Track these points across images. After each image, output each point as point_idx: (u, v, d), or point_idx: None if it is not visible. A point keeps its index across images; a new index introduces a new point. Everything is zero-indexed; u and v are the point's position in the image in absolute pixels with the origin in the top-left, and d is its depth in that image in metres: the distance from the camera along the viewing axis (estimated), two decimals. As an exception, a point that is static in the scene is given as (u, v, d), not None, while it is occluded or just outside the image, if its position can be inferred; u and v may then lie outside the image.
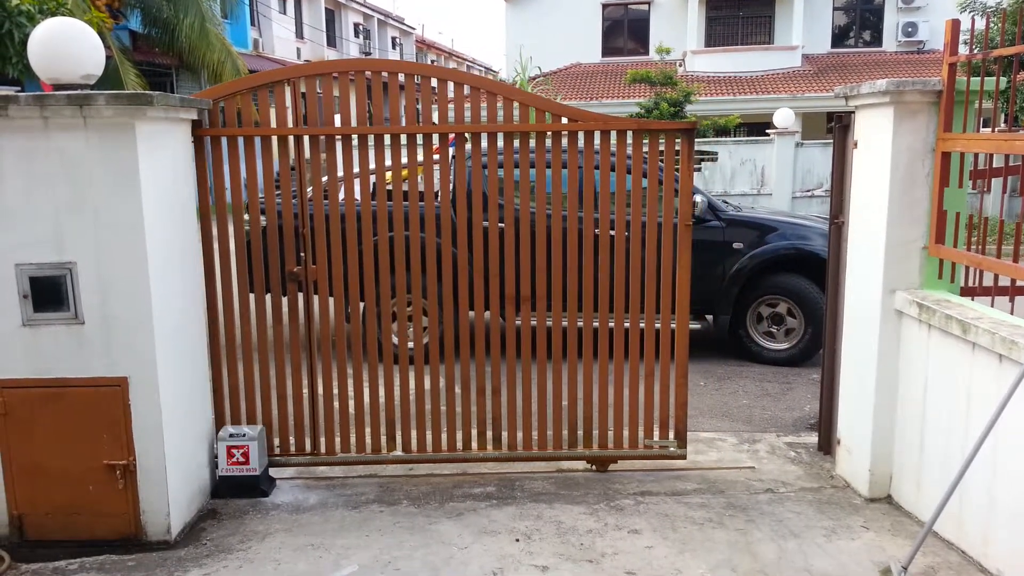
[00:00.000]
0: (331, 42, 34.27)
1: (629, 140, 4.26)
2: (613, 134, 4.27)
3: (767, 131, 16.33)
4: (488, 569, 3.51)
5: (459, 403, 4.46)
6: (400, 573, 3.48)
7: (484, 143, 4.25)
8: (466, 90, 4.25)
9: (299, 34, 31.47)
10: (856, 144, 4.31)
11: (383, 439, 4.48)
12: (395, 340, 4.53)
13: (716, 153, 15.98)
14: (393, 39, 41.78)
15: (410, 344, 5.32)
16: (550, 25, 25.57)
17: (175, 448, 3.79)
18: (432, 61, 49.17)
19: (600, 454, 4.51)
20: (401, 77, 4.34)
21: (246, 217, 4.29)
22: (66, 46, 3.48)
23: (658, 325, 4.39)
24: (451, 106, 4.41)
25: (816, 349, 6.65)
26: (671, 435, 4.51)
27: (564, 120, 4.23)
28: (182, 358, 3.92)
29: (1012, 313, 3.59)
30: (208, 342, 4.27)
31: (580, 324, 4.43)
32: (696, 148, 16.11)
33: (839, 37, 25.67)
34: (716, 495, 4.23)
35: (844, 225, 4.52)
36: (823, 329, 4.90)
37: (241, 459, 4.18)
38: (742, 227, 6.94)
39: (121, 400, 3.63)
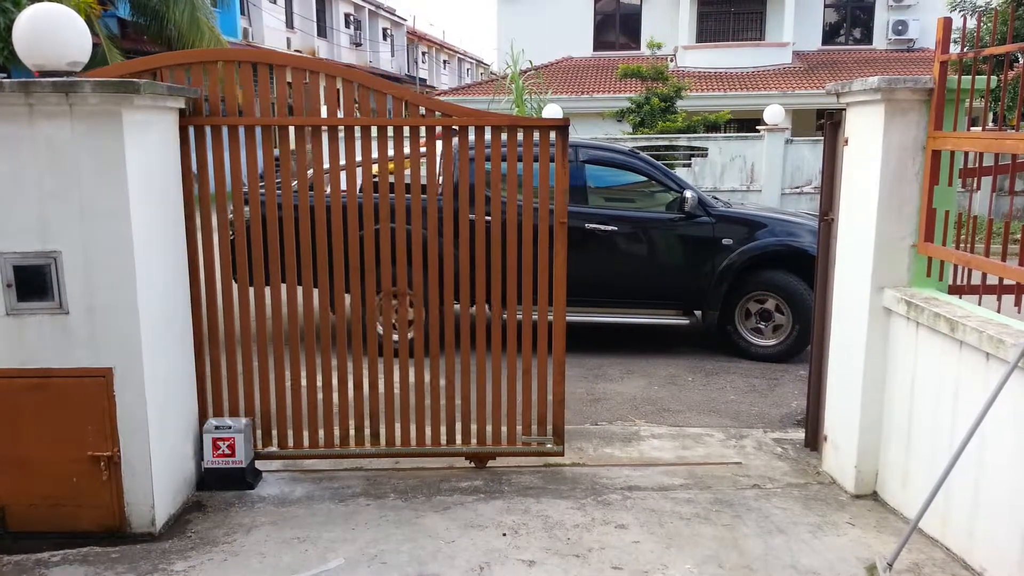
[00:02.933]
0: (321, 32, 34.06)
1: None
2: (488, 130, 4.26)
3: (757, 127, 16.34)
4: (475, 563, 3.50)
5: (335, 397, 4.39)
6: (386, 567, 3.47)
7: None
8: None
9: (289, 24, 31.25)
10: (846, 141, 4.32)
11: (259, 433, 4.41)
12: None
13: (706, 149, 16.01)
14: (384, 30, 41.57)
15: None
16: (542, 18, 25.47)
17: (160, 440, 3.77)
18: (423, 53, 48.98)
19: (478, 450, 4.48)
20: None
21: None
22: (52, 32, 3.43)
23: (535, 317, 4.37)
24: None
25: (804, 345, 6.67)
26: (549, 431, 4.49)
27: (438, 115, 4.23)
28: (168, 349, 3.88)
29: (999, 312, 3.60)
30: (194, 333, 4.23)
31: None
32: (686, 144, 15.93)
33: (830, 34, 25.73)
34: (703, 490, 4.24)
35: (833, 222, 4.53)
36: (811, 326, 4.91)
37: (227, 451, 4.16)
38: (731, 223, 6.95)
39: (106, 391, 3.59)
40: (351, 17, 36.94)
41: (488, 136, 4.30)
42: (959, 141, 3.73)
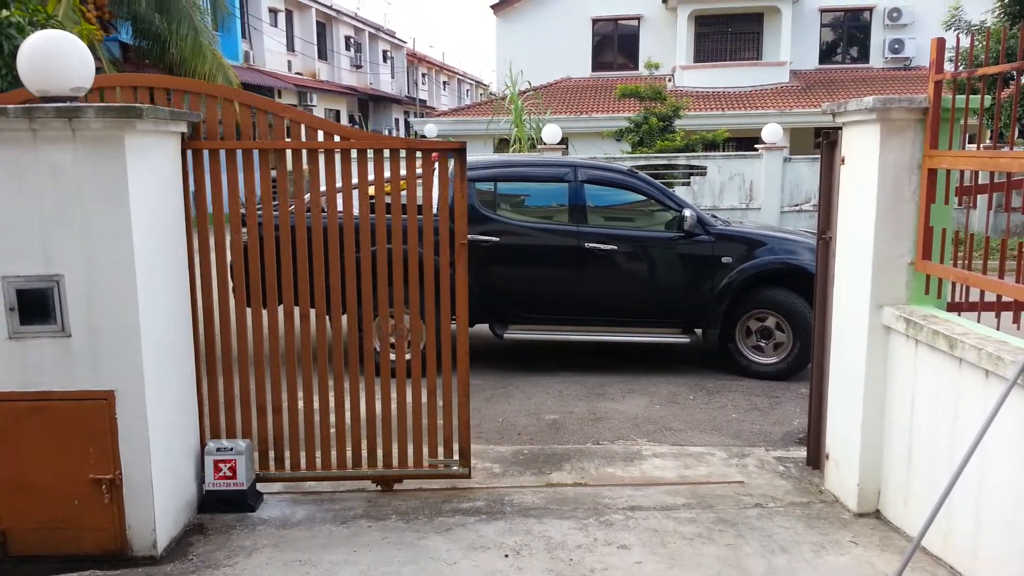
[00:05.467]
0: (322, 55, 34.34)
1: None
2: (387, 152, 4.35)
3: (755, 146, 16.42)
4: (477, 585, 3.49)
5: (238, 422, 4.35)
6: (388, 589, 3.46)
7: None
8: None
9: (290, 47, 31.51)
10: (843, 160, 4.35)
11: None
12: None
13: (705, 168, 16.07)
14: (384, 52, 41.90)
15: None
16: (540, 39, 25.70)
17: (161, 462, 3.77)
18: (423, 74, 49.32)
19: (385, 473, 4.45)
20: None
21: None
22: (56, 58, 3.47)
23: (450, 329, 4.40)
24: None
25: (804, 363, 6.67)
26: (455, 454, 4.48)
27: (337, 138, 4.27)
28: (169, 371, 3.89)
29: (998, 329, 3.61)
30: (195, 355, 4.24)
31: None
32: (685, 163, 15.92)
33: (827, 53, 25.92)
34: (705, 510, 4.23)
35: (832, 240, 4.55)
36: (811, 344, 4.92)
37: (228, 473, 4.15)
38: (731, 241, 6.97)
39: (107, 413, 3.60)
40: (351, 40, 37.25)
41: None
42: (955, 160, 3.76)
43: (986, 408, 3.15)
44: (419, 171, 4.29)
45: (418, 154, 4.28)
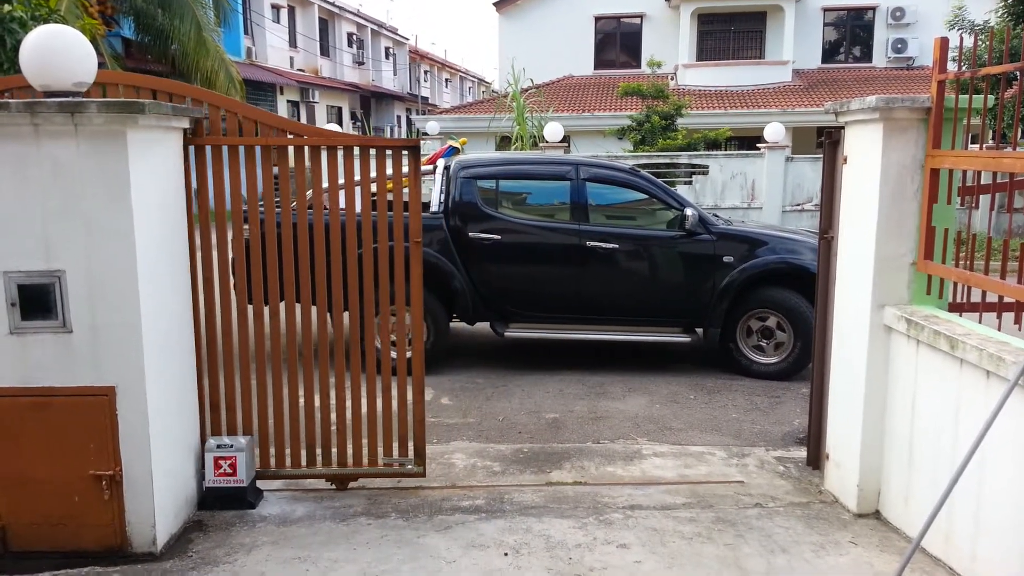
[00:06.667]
0: (324, 51, 34.30)
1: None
2: (340, 150, 4.28)
3: (758, 145, 16.40)
4: (476, 583, 3.49)
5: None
6: (387, 586, 3.46)
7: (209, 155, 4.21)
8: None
9: (292, 43, 31.48)
10: (846, 160, 4.35)
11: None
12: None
13: (707, 167, 16.05)
14: (386, 49, 41.86)
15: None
16: (543, 37, 25.67)
17: (162, 458, 3.77)
18: (425, 71, 49.29)
19: (339, 472, 4.44)
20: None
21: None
22: (58, 53, 3.46)
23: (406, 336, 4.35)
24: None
25: (805, 363, 6.67)
26: (410, 452, 4.47)
27: (289, 135, 4.25)
28: (170, 367, 3.89)
29: (999, 329, 3.61)
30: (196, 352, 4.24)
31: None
32: (687, 161, 15.86)
33: (829, 52, 25.87)
34: (705, 509, 4.23)
35: (833, 240, 4.55)
36: (812, 343, 4.92)
37: (228, 470, 4.16)
38: (732, 241, 6.96)
39: (108, 410, 3.60)
40: (354, 36, 37.20)
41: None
42: (957, 159, 3.76)
43: (987, 409, 3.15)
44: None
45: (372, 151, 4.25)
